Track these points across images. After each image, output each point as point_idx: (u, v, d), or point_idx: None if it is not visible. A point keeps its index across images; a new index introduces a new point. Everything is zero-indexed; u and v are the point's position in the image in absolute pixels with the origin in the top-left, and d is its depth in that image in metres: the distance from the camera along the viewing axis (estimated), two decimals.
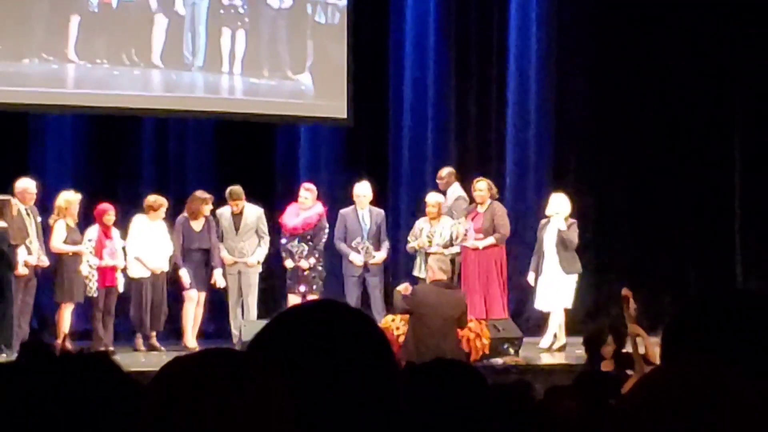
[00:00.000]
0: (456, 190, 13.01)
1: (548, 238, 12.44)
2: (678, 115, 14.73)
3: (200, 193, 12.58)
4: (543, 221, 12.63)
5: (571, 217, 12.58)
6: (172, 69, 13.61)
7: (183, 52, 13.60)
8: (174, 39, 13.56)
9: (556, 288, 12.40)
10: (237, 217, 12.62)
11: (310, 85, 14.04)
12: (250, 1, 13.91)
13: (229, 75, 13.83)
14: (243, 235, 12.58)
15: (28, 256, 11.59)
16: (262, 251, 12.64)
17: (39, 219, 11.82)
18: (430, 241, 12.43)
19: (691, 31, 14.63)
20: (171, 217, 12.64)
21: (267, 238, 12.64)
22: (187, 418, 1.47)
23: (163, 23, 13.50)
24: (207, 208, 12.49)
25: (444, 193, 12.98)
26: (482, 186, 12.68)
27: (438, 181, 13.17)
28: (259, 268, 12.65)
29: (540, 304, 12.60)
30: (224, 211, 12.66)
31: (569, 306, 12.58)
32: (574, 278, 12.52)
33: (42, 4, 13.14)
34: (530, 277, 12.62)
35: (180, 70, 13.68)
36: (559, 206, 12.55)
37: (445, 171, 13.21)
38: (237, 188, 12.64)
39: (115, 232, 12.13)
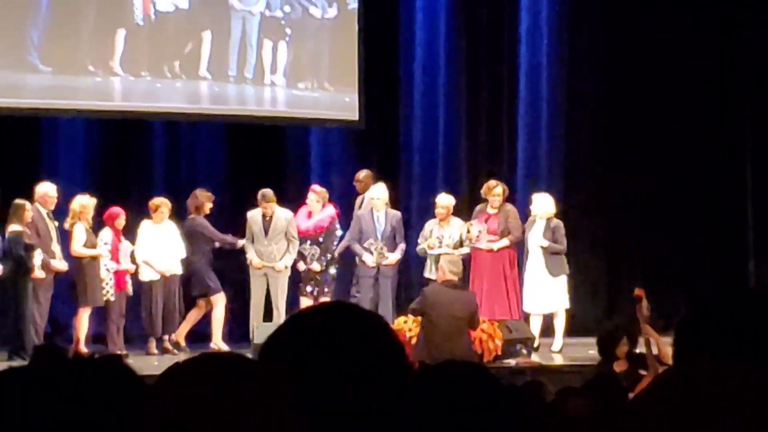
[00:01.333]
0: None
1: (533, 239, 12.45)
2: (690, 112, 14.70)
3: (201, 191, 12.62)
4: (529, 219, 12.62)
5: (556, 217, 12.58)
6: (215, 81, 13.70)
7: (227, 65, 13.69)
8: (217, 52, 13.63)
9: (543, 290, 12.36)
10: (267, 220, 12.58)
11: (356, 97, 14.06)
12: (293, 12, 13.94)
13: (270, 87, 13.91)
14: (273, 238, 12.53)
15: (53, 261, 11.61)
16: (291, 256, 12.57)
17: (56, 223, 11.85)
18: (440, 243, 12.43)
19: (702, 30, 14.60)
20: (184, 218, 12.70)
21: (296, 242, 12.57)
22: (185, 423, 1.47)
23: (208, 36, 13.55)
24: (208, 206, 12.54)
25: (361, 195, 12.99)
26: (499, 191, 12.69)
27: (356, 183, 13.17)
28: (288, 272, 12.64)
29: (527, 306, 12.51)
30: (255, 215, 12.63)
31: (567, 306, 12.53)
32: (563, 279, 12.49)
33: (89, 18, 13.21)
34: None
35: (223, 82, 13.76)
36: (539, 207, 12.54)
37: (363, 173, 13.23)
38: (269, 191, 12.60)
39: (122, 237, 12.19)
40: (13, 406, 1.63)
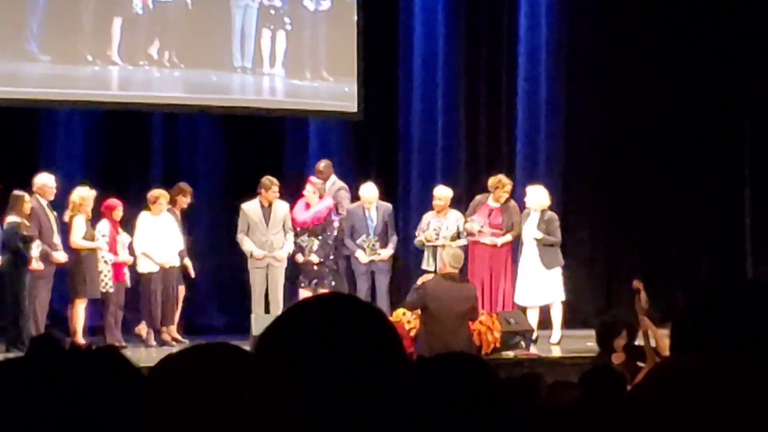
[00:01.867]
0: (336, 182, 13.08)
1: (527, 231, 12.45)
2: (689, 107, 14.69)
3: (183, 185, 12.71)
4: (524, 212, 12.62)
5: (550, 210, 12.57)
6: (214, 71, 13.69)
7: (231, 54, 13.66)
8: (216, 41, 13.62)
9: (538, 282, 12.35)
10: (266, 210, 12.56)
11: (355, 88, 14.05)
12: (289, 3, 13.93)
13: (269, 77, 13.90)
14: (273, 228, 12.52)
15: (54, 252, 11.60)
16: (289, 245, 12.58)
17: (56, 214, 11.84)
18: (437, 235, 12.42)
19: (702, 27, 14.58)
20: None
21: (291, 233, 12.59)
22: (179, 415, 1.47)
23: (207, 26, 13.53)
24: (184, 201, 12.59)
25: (323, 184, 13.02)
26: (509, 188, 12.71)
27: (317, 174, 13.16)
28: (285, 263, 12.63)
29: (519, 299, 12.49)
30: (251, 206, 12.59)
31: (562, 298, 12.53)
32: (557, 271, 12.49)
33: (88, 7, 13.20)
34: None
35: (222, 72, 13.74)
36: (533, 199, 12.53)
37: (323, 164, 13.28)
38: (272, 178, 12.62)
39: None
40: (11, 398, 1.63)
